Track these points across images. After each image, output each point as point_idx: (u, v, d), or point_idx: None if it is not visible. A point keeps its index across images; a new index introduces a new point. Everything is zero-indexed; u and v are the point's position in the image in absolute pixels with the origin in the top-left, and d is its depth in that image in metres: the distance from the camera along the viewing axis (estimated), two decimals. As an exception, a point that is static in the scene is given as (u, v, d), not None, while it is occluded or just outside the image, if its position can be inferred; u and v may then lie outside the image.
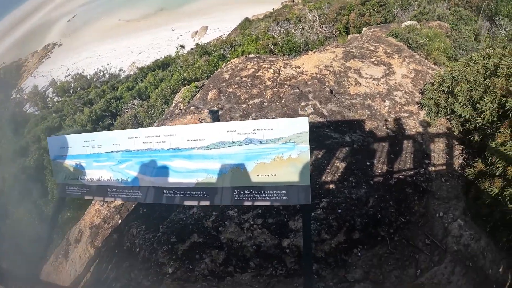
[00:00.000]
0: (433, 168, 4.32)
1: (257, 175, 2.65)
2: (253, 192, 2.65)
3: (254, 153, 2.63)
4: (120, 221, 4.52)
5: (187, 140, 2.82)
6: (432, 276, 3.54)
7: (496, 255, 3.69)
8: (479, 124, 4.09)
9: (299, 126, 2.56)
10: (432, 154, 4.49)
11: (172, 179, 2.89)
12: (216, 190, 2.74)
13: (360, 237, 3.79)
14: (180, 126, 2.90)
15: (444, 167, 4.34)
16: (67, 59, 37.48)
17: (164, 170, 2.91)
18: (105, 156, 3.24)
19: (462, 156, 4.42)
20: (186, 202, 2.85)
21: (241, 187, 2.68)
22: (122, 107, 12.04)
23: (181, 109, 6.37)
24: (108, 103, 12.69)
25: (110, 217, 4.68)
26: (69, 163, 3.54)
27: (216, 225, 3.96)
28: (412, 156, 4.48)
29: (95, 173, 3.34)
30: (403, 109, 5.22)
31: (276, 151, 2.59)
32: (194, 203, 2.84)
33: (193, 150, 2.80)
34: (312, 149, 4.49)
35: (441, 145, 4.55)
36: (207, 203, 2.78)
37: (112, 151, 3.18)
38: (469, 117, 4.19)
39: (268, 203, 2.65)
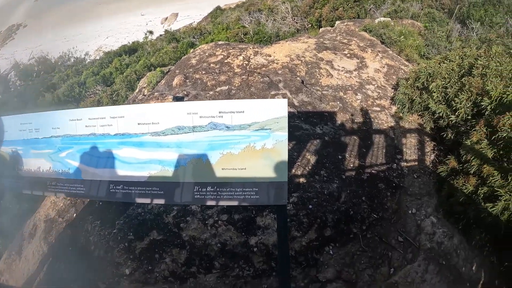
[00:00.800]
0: (405, 163, 3.88)
1: (222, 169, 1.99)
2: (217, 189, 1.99)
3: (220, 142, 1.97)
4: (75, 215, 3.77)
5: (138, 124, 2.10)
6: (406, 275, 3.15)
7: (469, 253, 3.36)
8: (453, 121, 3.73)
9: (277, 109, 1.92)
10: (404, 150, 4.05)
11: (120, 171, 2.17)
12: (172, 186, 2.05)
13: (332, 235, 3.30)
14: (130, 106, 2.18)
15: (416, 163, 3.90)
16: (32, 41, 33.22)
17: (110, 161, 2.19)
18: (43, 142, 2.48)
19: (433, 152, 4.01)
20: (137, 200, 2.15)
21: (203, 182, 2.01)
22: (85, 93, 10.82)
23: (144, 95, 5.58)
24: (71, 88, 11.43)
25: (65, 210, 3.93)
26: (5, 150, 2.75)
27: (177, 221, 3.31)
28: (384, 150, 4.02)
29: (33, 163, 2.58)
30: (375, 103, 4.72)
31: (246, 139, 1.95)
32: (146, 201, 2.14)
33: (145, 136, 2.09)
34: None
35: (412, 141, 4.11)
36: (161, 201, 2.09)
37: (51, 136, 2.43)
38: (443, 114, 3.80)
39: (235, 203, 1.99)
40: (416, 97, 4.09)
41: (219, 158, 1.98)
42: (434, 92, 3.82)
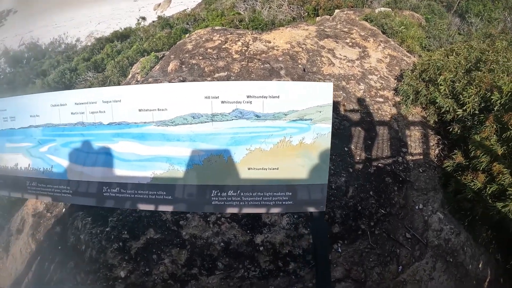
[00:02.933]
0: (410, 157, 3.43)
1: (248, 169, 1.41)
2: (241, 193, 1.41)
3: (247, 135, 1.38)
4: (64, 210, 3.12)
5: (139, 110, 1.46)
6: (414, 273, 2.76)
7: (476, 251, 2.99)
8: (459, 116, 3.29)
9: (320, 95, 1.38)
10: (409, 143, 3.59)
11: (116, 170, 1.55)
12: (183, 190, 1.46)
13: (340, 231, 2.86)
14: (129, 87, 1.55)
15: (421, 157, 3.46)
16: (22, 28, 30.55)
17: (102, 157, 1.56)
18: (20, 133, 1.81)
19: (438, 146, 3.56)
20: (138, 207, 1.55)
21: (223, 186, 1.43)
22: (76, 79, 9.75)
23: (138, 81, 4.86)
24: (62, 74, 10.28)
25: (54, 204, 3.27)
26: None
27: (176, 218, 2.73)
28: (389, 143, 3.55)
29: (9, 159, 1.90)
30: (378, 94, 4.22)
31: (281, 132, 1.38)
32: (149, 208, 1.53)
33: (149, 127, 1.46)
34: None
35: (417, 134, 3.65)
36: (168, 208, 1.50)
37: (30, 126, 1.76)
38: (449, 108, 3.36)
39: (262, 210, 1.45)
40: (421, 89, 3.61)
41: (245, 156, 1.40)
42: (442, 85, 3.36)
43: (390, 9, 6.46)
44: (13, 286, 2.95)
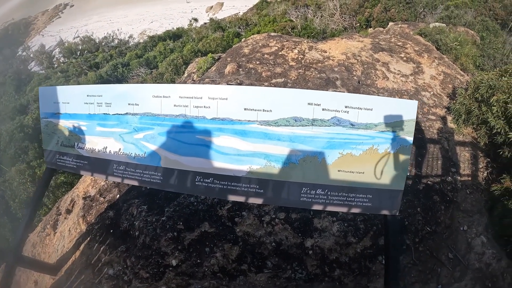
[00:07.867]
0: (458, 177, 3.54)
1: (338, 171, 1.62)
2: (328, 192, 1.63)
3: (341, 140, 1.60)
4: (118, 196, 3.40)
5: (245, 109, 1.69)
6: None
7: None
8: (510, 139, 3.38)
9: (406, 110, 1.58)
10: (458, 163, 3.70)
11: (213, 162, 1.77)
12: (275, 185, 1.68)
13: (386, 244, 2.98)
14: (236, 87, 1.76)
15: (470, 179, 3.57)
16: (77, 21, 32.88)
17: (200, 149, 1.79)
18: (115, 119, 2.07)
19: (487, 169, 3.66)
20: (229, 197, 1.77)
21: (314, 184, 1.64)
22: (128, 74, 10.31)
23: (194, 80, 5.16)
24: (115, 68, 10.91)
25: (107, 189, 3.57)
26: (64, 124, 2.35)
27: (232, 214, 2.95)
28: (439, 162, 3.67)
29: (98, 142, 2.17)
30: (430, 111, 4.33)
31: (370, 140, 1.60)
32: (239, 199, 1.77)
33: (252, 125, 1.68)
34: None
35: (466, 155, 3.77)
36: (259, 201, 1.73)
37: (126, 113, 2.02)
38: (501, 129, 3.45)
39: (344, 209, 1.65)
40: (474, 108, 3.72)
41: (337, 159, 1.62)
42: (494, 106, 3.47)
43: (444, 24, 6.49)
44: (59, 261, 3.21)
